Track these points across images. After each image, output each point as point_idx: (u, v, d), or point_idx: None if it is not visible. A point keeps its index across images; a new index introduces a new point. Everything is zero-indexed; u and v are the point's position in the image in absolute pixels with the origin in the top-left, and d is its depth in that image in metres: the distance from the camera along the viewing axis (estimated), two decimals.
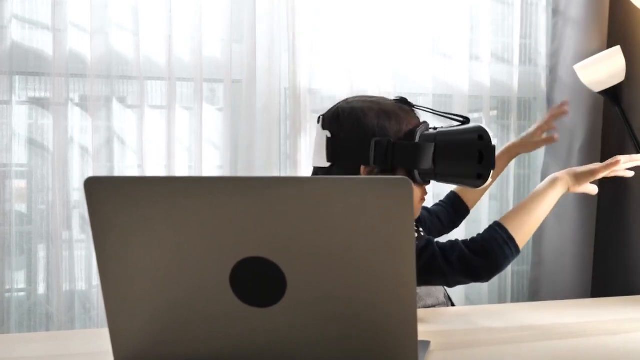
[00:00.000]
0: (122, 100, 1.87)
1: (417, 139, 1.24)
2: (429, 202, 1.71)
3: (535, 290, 2.16)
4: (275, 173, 1.94)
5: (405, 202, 0.68)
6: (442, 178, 1.27)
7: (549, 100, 2.16)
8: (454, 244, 1.20)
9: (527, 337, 1.04)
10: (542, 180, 1.98)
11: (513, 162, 2.12)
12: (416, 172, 1.24)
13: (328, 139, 1.27)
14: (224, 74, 1.90)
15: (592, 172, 1.30)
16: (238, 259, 0.72)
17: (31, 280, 1.85)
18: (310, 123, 1.94)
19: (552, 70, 2.15)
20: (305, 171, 1.93)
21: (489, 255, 1.18)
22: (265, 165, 1.92)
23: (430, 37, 2.06)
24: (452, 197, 1.64)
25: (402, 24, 2.03)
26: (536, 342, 1.01)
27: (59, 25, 1.78)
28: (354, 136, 1.25)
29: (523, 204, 1.26)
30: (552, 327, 1.12)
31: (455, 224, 1.65)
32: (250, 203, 0.70)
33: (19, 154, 1.82)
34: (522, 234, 1.22)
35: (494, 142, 1.24)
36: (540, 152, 2.16)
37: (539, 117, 2.20)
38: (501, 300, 2.19)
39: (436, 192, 1.92)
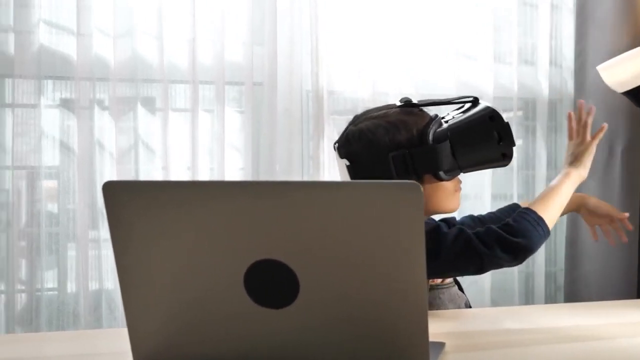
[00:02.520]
0: (146, 103, 1.91)
1: (430, 140, 1.24)
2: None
3: (573, 293, 2.12)
4: (296, 174, 1.95)
5: (416, 205, 0.69)
6: (468, 169, 1.28)
7: (576, 102, 2.13)
8: (488, 228, 1.21)
9: (545, 339, 1.04)
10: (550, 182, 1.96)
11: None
12: (441, 173, 1.25)
13: (348, 167, 1.28)
14: (245, 77, 1.92)
15: (585, 146, 1.33)
16: (252, 261, 0.73)
17: (60, 279, 1.89)
18: (332, 125, 1.95)
19: (578, 72, 2.11)
20: (328, 172, 1.94)
21: (525, 234, 1.19)
22: (286, 167, 1.93)
23: (453, 39, 2.05)
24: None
25: (425, 26, 2.03)
26: (555, 345, 1.01)
27: (84, 30, 1.82)
28: (370, 158, 1.26)
29: (544, 194, 1.28)
30: (573, 329, 1.11)
31: None
32: (264, 207, 0.72)
33: (49, 156, 1.86)
34: (548, 219, 1.24)
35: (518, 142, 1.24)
36: (558, 155, 2.14)
37: (565, 119, 2.17)
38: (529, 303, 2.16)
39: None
